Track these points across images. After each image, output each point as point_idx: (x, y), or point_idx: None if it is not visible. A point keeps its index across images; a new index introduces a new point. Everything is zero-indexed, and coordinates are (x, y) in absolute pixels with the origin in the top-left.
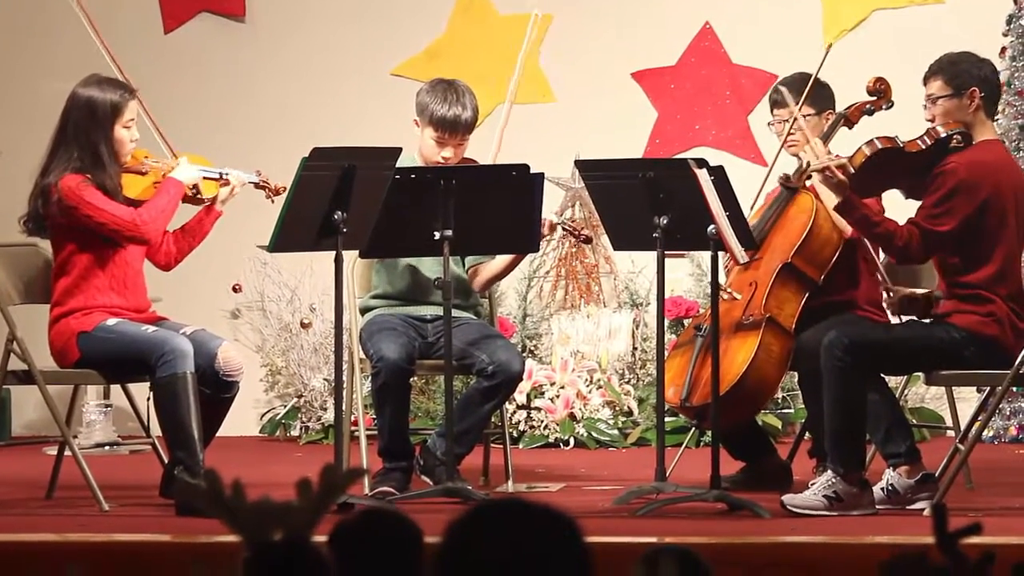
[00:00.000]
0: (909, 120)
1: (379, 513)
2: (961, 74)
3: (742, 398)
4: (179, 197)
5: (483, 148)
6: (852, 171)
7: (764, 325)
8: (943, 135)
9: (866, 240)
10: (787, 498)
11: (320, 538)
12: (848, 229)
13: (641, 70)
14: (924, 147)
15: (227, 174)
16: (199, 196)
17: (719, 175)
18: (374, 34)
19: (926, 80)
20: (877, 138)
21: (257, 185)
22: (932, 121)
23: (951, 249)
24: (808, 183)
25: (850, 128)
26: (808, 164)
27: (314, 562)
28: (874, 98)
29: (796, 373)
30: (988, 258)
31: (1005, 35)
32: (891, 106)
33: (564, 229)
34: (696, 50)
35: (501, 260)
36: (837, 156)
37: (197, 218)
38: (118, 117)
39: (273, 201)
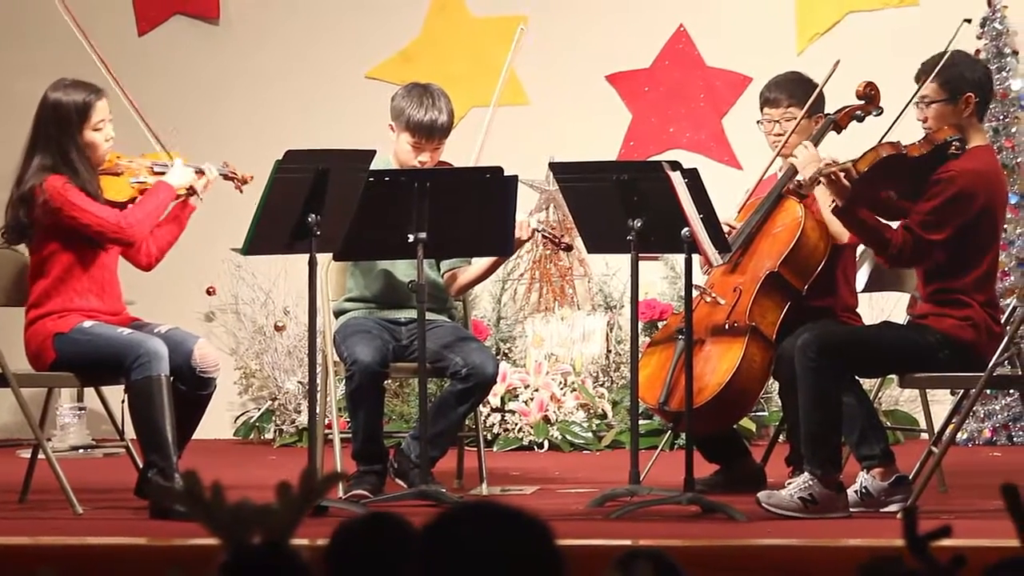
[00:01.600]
0: (884, 123)
1: (382, 517)
2: (956, 78)
3: (723, 407)
4: (168, 201)
5: (459, 149)
6: (856, 176)
7: (748, 335)
8: (940, 141)
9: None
10: (763, 495)
11: (299, 541)
12: (844, 235)
13: (615, 73)
14: (924, 152)
15: (201, 168)
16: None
17: (693, 178)
18: (349, 37)
19: (918, 79)
20: (883, 144)
21: (225, 176)
22: (924, 122)
23: (940, 256)
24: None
25: (838, 132)
26: (815, 173)
27: (293, 565)
28: (863, 103)
29: (777, 380)
30: (974, 265)
31: (979, 38)
32: (880, 112)
33: (544, 236)
34: (670, 53)
35: (479, 266)
36: (835, 160)
37: (172, 214)
38: (86, 121)
39: (242, 191)
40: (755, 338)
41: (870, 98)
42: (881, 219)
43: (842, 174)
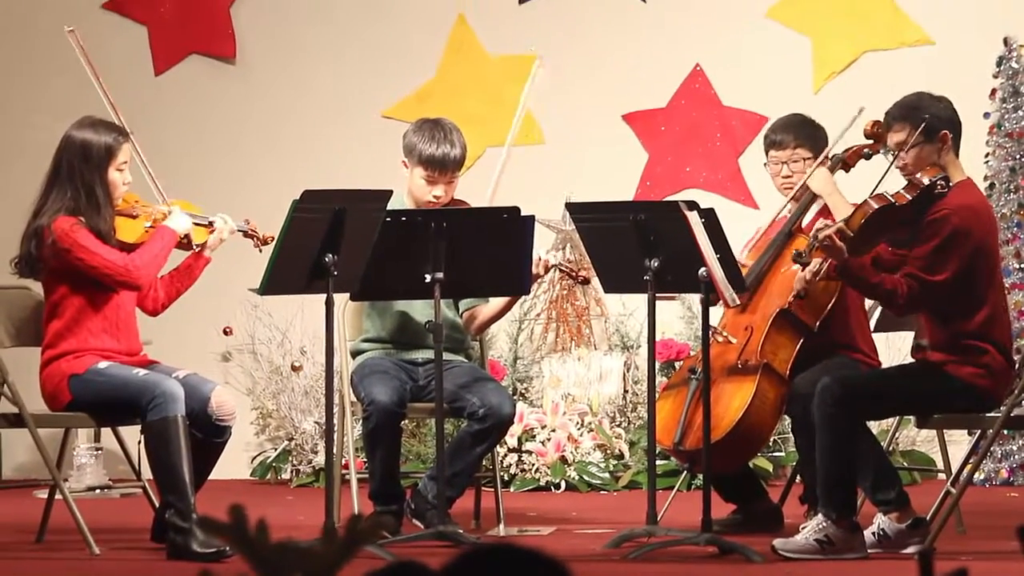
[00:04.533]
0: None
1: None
2: (928, 119)
3: (736, 444)
4: (172, 245)
5: (476, 189)
6: (850, 235)
7: (760, 371)
8: (926, 183)
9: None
10: (778, 543)
11: None
12: None
13: (632, 112)
14: (911, 198)
15: (216, 220)
16: (190, 243)
17: (710, 217)
18: (365, 76)
19: (889, 127)
20: (871, 198)
21: (245, 234)
22: (903, 169)
23: (947, 297)
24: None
25: (847, 171)
26: (815, 241)
27: None
28: (871, 142)
29: (789, 417)
30: (980, 304)
31: (995, 76)
32: (889, 150)
33: (561, 270)
34: (687, 92)
35: (497, 302)
36: (827, 223)
37: (186, 264)
38: (112, 160)
39: (261, 251)
40: (767, 375)
41: (878, 137)
42: (880, 272)
43: (836, 236)
